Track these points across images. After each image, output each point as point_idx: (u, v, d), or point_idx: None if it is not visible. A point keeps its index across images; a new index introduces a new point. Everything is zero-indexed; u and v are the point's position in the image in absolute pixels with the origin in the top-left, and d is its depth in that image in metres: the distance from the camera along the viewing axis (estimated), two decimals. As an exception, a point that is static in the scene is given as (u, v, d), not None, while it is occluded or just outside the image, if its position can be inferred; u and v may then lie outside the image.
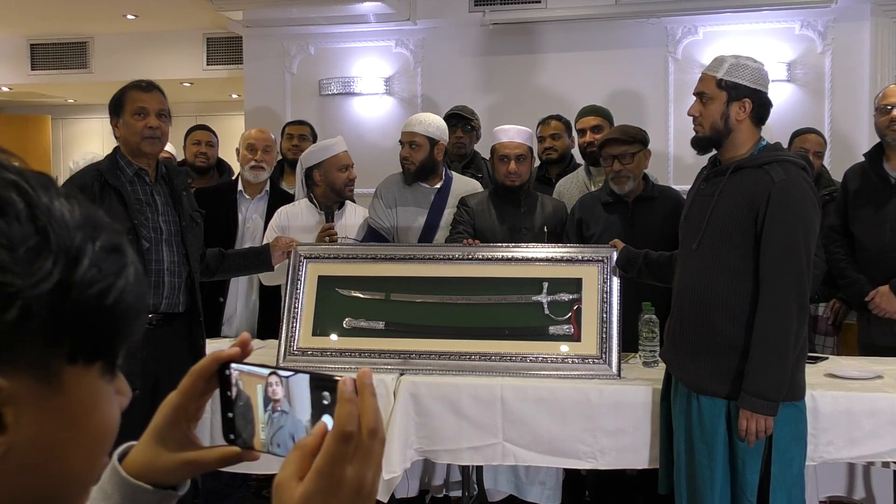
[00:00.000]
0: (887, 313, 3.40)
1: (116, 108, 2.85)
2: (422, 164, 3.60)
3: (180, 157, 5.02)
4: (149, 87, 2.87)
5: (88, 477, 0.61)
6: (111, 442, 0.62)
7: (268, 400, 0.73)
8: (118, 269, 0.57)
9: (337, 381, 0.67)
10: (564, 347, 3.01)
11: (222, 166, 4.83)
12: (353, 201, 3.84)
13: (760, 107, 2.53)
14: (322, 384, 0.69)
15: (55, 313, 0.53)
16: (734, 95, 2.50)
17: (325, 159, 3.67)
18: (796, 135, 4.32)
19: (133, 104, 2.82)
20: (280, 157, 4.64)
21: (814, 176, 3.09)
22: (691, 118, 2.61)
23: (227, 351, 0.76)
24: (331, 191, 3.66)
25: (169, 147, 4.74)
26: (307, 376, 0.70)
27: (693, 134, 2.62)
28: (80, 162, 4.40)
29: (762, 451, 2.44)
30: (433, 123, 3.68)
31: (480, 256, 3.18)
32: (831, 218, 3.59)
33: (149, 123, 2.80)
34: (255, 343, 3.57)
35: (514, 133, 3.54)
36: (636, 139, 3.36)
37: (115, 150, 2.90)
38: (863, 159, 3.64)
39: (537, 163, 4.14)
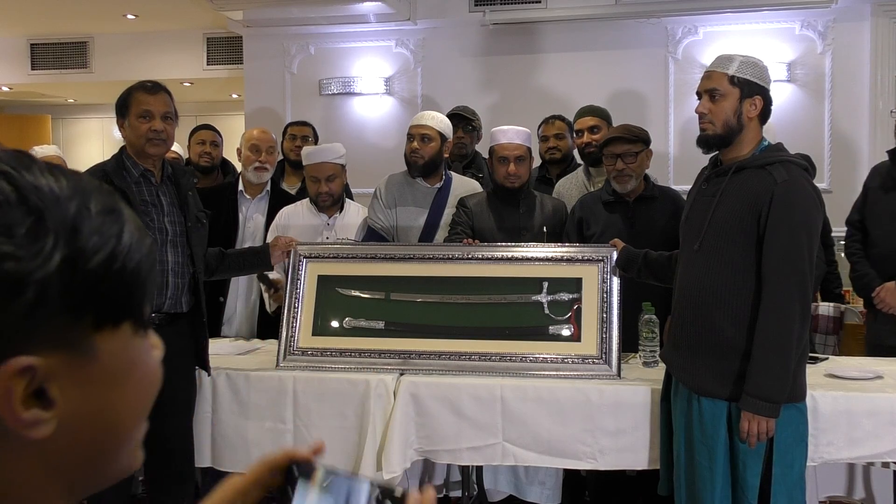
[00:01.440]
0: (891, 308, 3.43)
1: (122, 109, 2.83)
2: (431, 158, 3.59)
3: (187, 157, 5.01)
4: (154, 88, 2.83)
5: (137, 428, 0.63)
6: (155, 392, 0.64)
7: None
8: (118, 230, 0.58)
9: (398, 496, 0.72)
10: (564, 347, 3.01)
11: (227, 167, 4.82)
12: (324, 209, 3.71)
13: (767, 105, 2.53)
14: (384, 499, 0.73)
15: (69, 287, 0.54)
16: (747, 92, 2.49)
17: (306, 164, 3.71)
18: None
19: (138, 106, 2.79)
20: (281, 158, 4.64)
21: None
22: (695, 117, 2.58)
23: (300, 452, 0.81)
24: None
25: (176, 147, 4.74)
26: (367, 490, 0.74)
27: (697, 133, 2.59)
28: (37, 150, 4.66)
29: (763, 453, 2.43)
30: (444, 121, 3.71)
31: (480, 256, 3.18)
32: (853, 213, 3.65)
33: (153, 126, 2.78)
34: (255, 343, 3.59)
35: (512, 134, 3.52)
36: (639, 138, 3.35)
37: (122, 150, 2.88)
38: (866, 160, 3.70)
39: (537, 163, 4.14)
